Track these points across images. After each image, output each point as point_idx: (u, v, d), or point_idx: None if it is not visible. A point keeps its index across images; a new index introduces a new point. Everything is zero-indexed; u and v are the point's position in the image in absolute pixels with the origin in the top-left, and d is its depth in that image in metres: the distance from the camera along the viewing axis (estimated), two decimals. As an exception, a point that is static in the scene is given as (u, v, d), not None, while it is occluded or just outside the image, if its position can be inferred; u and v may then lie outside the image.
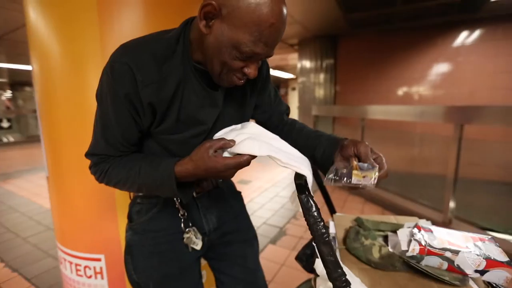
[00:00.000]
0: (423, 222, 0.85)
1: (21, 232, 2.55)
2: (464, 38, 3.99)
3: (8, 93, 9.93)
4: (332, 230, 0.88)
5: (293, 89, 11.67)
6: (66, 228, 1.19)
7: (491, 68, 3.83)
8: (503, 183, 3.49)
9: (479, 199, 3.14)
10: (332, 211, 1.02)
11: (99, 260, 1.13)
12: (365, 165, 0.55)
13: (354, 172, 0.53)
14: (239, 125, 0.69)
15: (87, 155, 0.64)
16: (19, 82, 10.00)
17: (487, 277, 0.60)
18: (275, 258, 2.06)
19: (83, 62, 1.03)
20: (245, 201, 0.93)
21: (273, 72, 9.16)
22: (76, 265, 1.16)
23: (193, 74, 0.60)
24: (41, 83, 1.12)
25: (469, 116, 2.29)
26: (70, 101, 1.07)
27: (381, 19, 4.03)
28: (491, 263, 0.60)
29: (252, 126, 0.67)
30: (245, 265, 0.86)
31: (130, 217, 0.76)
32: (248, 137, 0.57)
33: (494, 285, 0.61)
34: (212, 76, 0.60)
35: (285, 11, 0.51)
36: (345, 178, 0.53)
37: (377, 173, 0.52)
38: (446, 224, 2.39)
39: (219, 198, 0.82)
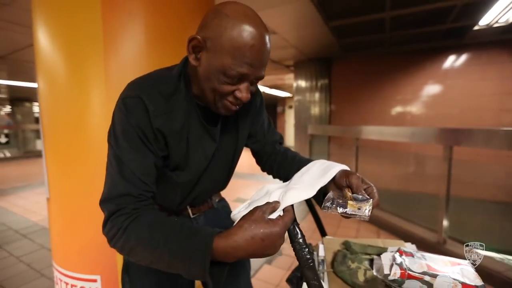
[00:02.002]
0: (407, 246, 0.90)
1: (14, 251, 2.53)
2: (452, 62, 4.19)
3: (7, 108, 10.02)
4: (321, 253, 0.92)
5: (290, 107, 11.88)
6: (64, 249, 1.21)
7: (478, 90, 4.00)
8: (494, 202, 3.55)
9: (473, 217, 3.18)
10: (323, 234, 1.06)
11: (95, 281, 1.15)
12: (359, 196, 0.58)
13: (350, 202, 0.56)
14: (249, 200, 0.64)
15: (102, 203, 0.56)
16: (19, 98, 10.10)
17: (462, 300, 0.65)
18: (270, 279, 2.05)
19: (87, 85, 1.10)
20: (242, 220, 0.97)
21: (270, 91, 9.36)
22: (72, 286, 1.17)
23: (194, 109, 0.66)
24: (46, 103, 1.19)
25: (458, 138, 2.38)
26: (73, 121, 1.13)
27: (372, 44, 4.23)
28: (466, 287, 0.65)
29: (265, 189, 0.64)
30: (238, 285, 0.89)
31: None
32: (281, 192, 0.57)
33: (470, 308, 0.65)
34: (210, 106, 0.63)
35: (266, 34, 0.55)
36: (341, 208, 0.56)
37: (371, 205, 0.55)
38: (440, 244, 2.41)
39: (215, 219, 0.87)
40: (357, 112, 5.08)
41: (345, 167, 0.66)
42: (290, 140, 11.91)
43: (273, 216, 0.52)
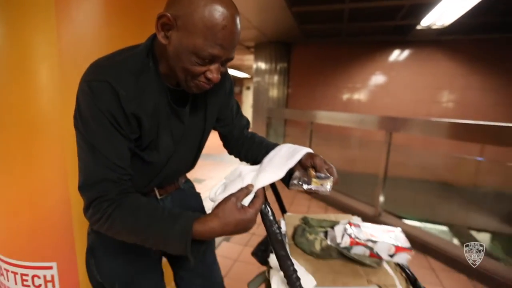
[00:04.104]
0: (355, 219, 1.05)
1: None
2: (397, 56, 4.64)
3: None
4: (283, 228, 1.02)
5: (248, 88, 11.87)
6: (8, 236, 1.11)
7: (416, 84, 4.53)
8: (422, 181, 4.18)
9: (404, 194, 3.71)
10: (283, 211, 1.16)
11: (50, 268, 1.09)
12: (322, 175, 0.67)
13: (314, 180, 0.65)
14: (223, 181, 0.67)
15: (81, 189, 0.57)
16: None
17: (395, 259, 0.80)
18: (229, 254, 2.16)
19: (36, 58, 0.97)
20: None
21: (229, 71, 9.17)
22: (22, 275, 1.09)
23: (163, 90, 0.64)
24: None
25: (398, 125, 2.72)
26: (17, 106, 1.00)
27: (331, 32, 4.42)
28: (398, 249, 0.80)
29: (238, 171, 0.66)
30: (203, 259, 0.94)
31: None
32: (253, 175, 0.62)
33: (400, 264, 0.81)
34: (181, 85, 0.62)
35: (237, 15, 0.55)
36: (306, 185, 0.65)
37: (332, 182, 0.65)
38: (376, 216, 2.80)
39: (181, 199, 0.89)
40: (312, 97, 5.34)
41: (310, 150, 0.74)
42: (247, 121, 11.97)
43: (248, 199, 0.58)
